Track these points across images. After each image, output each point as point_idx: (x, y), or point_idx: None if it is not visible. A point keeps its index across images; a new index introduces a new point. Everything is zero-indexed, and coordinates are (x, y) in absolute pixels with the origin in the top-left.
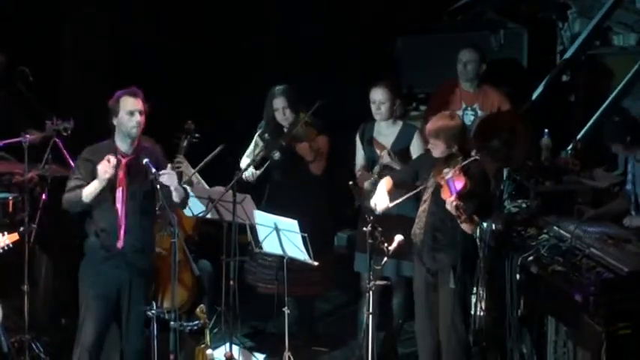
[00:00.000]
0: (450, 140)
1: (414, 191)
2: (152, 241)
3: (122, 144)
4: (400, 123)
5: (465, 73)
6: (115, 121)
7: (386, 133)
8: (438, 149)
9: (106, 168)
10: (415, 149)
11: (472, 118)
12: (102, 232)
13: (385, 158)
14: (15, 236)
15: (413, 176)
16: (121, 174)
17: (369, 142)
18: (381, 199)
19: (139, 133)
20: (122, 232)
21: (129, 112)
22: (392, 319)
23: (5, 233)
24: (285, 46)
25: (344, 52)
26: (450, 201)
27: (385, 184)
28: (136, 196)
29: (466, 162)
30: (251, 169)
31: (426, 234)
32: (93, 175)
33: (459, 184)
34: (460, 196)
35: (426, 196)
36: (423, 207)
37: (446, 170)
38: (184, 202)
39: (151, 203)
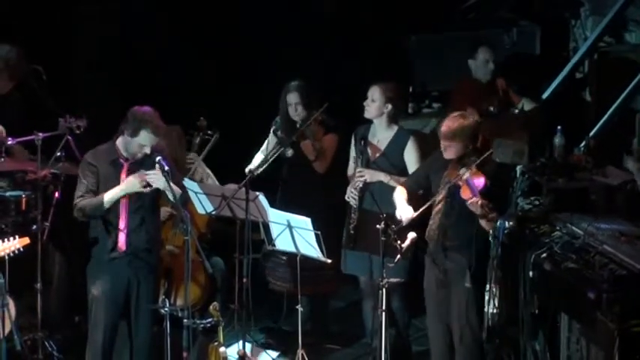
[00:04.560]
0: (467, 140)
1: (433, 199)
2: (158, 239)
3: (124, 151)
4: (395, 128)
5: (485, 69)
6: (127, 134)
7: (380, 136)
8: (452, 150)
9: (137, 181)
10: (409, 155)
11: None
12: (107, 233)
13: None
14: (25, 240)
15: (425, 179)
16: (122, 176)
17: (364, 144)
18: (404, 210)
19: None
20: (124, 233)
21: (142, 145)
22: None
23: (16, 237)
24: (298, 44)
25: (355, 51)
26: (475, 201)
27: (401, 194)
28: (139, 197)
29: (481, 158)
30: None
31: (441, 235)
32: (97, 179)
33: (479, 182)
34: (482, 194)
35: (440, 197)
36: (437, 208)
37: (463, 170)
38: (183, 201)
39: (155, 202)
